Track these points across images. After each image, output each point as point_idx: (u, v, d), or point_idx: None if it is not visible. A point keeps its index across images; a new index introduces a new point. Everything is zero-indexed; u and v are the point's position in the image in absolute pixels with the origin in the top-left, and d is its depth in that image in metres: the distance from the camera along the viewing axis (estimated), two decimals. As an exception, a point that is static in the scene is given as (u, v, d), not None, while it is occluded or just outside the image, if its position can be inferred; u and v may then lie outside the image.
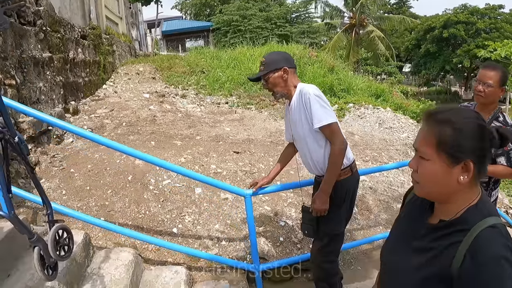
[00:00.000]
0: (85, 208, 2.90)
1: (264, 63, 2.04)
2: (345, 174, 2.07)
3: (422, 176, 0.93)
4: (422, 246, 0.95)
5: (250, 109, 6.79)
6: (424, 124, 0.93)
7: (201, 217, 3.07)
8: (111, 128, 4.66)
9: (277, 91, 2.06)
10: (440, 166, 0.88)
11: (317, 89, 2.01)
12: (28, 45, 4.26)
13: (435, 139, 0.88)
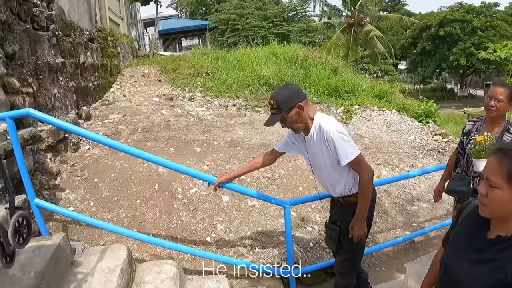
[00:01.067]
0: (116, 220, 2.91)
1: (276, 105, 1.96)
2: None
3: (491, 201, 1.08)
4: (483, 258, 1.11)
5: (259, 112, 6.81)
6: (494, 156, 1.08)
7: (232, 225, 3.11)
8: (127, 134, 4.65)
9: (296, 128, 2.04)
10: (508, 194, 1.03)
11: (336, 122, 2.00)
12: (42, 51, 4.23)
13: (506, 172, 1.03)
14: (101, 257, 2.17)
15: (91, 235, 2.73)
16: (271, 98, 2.00)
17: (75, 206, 2.98)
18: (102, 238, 2.72)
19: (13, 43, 3.55)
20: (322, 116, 2.03)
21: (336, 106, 7.76)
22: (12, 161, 2.36)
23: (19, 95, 3.38)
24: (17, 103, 3.22)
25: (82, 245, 2.37)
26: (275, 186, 3.84)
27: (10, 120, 2.00)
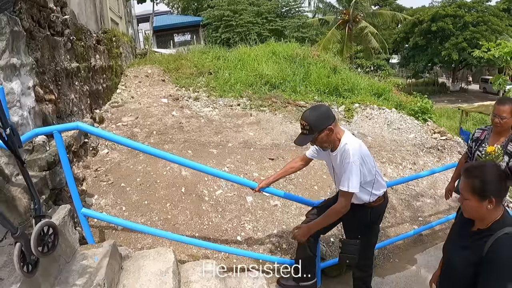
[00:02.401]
0: (150, 223, 3.04)
1: (308, 126, 2.07)
2: (379, 202, 2.34)
3: (465, 209, 1.56)
4: (466, 244, 1.58)
5: (264, 111, 6.95)
6: (463, 175, 1.54)
7: (259, 224, 3.28)
8: (143, 137, 4.76)
9: (325, 147, 2.22)
10: (474, 202, 1.48)
11: (360, 149, 2.14)
12: (59, 57, 4.30)
13: (470, 187, 1.48)
14: (150, 261, 2.31)
15: (127, 239, 2.86)
16: (303, 119, 2.11)
17: (107, 211, 3.10)
18: (138, 241, 2.85)
19: (35, 51, 3.63)
20: (349, 139, 2.16)
21: (337, 105, 7.94)
22: (54, 172, 2.47)
23: (43, 103, 3.47)
24: (45, 111, 3.32)
25: (126, 250, 2.51)
26: (292, 185, 4.02)
27: (57, 134, 2.11)
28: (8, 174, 2.13)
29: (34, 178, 2.25)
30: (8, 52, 2.33)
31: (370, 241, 2.47)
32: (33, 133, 2.06)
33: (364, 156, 2.15)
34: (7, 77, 2.31)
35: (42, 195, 2.28)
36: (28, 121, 2.46)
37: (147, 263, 2.31)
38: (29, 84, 2.63)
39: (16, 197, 2.06)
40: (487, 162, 1.66)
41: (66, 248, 2.16)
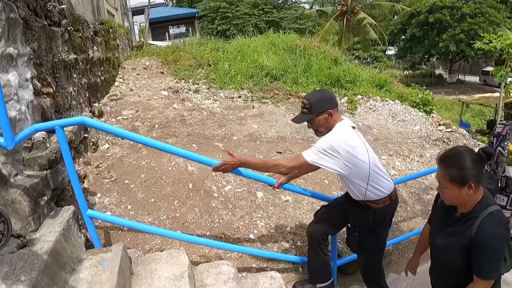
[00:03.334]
0: (158, 222, 2.87)
1: (308, 105, 2.05)
2: (383, 203, 2.15)
3: (445, 197, 1.56)
4: (453, 230, 1.59)
5: (266, 103, 6.77)
6: (439, 165, 1.54)
7: (271, 221, 3.14)
8: (145, 131, 4.57)
9: (321, 131, 2.11)
10: (454, 190, 1.49)
11: (342, 139, 1.99)
12: (57, 48, 4.06)
13: (448, 176, 1.48)
14: (162, 264, 2.14)
15: (135, 239, 2.70)
16: (305, 98, 2.08)
17: (112, 211, 2.92)
18: (147, 242, 2.69)
19: (32, 41, 3.39)
20: (340, 127, 2.05)
21: (340, 97, 7.78)
22: (56, 171, 2.27)
23: (40, 97, 3.25)
24: (43, 105, 3.10)
25: (135, 253, 2.34)
26: (302, 180, 3.86)
27: (60, 129, 1.91)
28: (6, 175, 1.94)
29: (34, 178, 2.06)
30: (4, 41, 2.11)
31: (374, 246, 2.28)
32: (33, 129, 1.86)
33: (346, 146, 1.97)
34: (3, 68, 2.10)
35: (44, 196, 2.08)
36: (27, 115, 2.25)
37: (159, 267, 2.14)
38: (27, 75, 2.41)
39: (16, 200, 1.87)
40: (460, 147, 1.57)
41: (72, 254, 1.98)
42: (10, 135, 1.67)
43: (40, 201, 2.05)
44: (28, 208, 1.90)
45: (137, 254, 2.33)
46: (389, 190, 2.15)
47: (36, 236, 1.91)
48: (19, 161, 2.10)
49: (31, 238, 1.90)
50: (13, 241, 1.88)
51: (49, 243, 1.82)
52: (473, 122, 14.26)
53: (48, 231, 1.94)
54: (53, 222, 2.04)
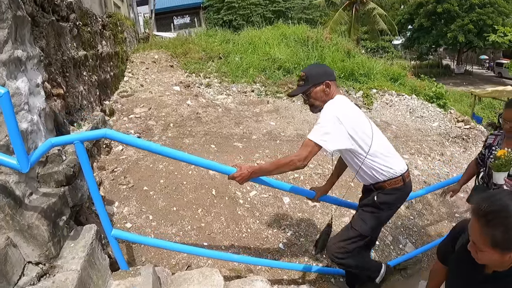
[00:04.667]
0: (182, 234, 2.65)
1: (304, 77, 1.93)
2: (395, 184, 1.94)
3: (480, 259, 1.15)
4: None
5: (281, 98, 6.49)
6: (476, 222, 1.10)
7: (300, 229, 2.95)
8: (160, 130, 4.32)
9: (317, 105, 1.93)
10: (495, 255, 1.10)
11: (342, 108, 1.84)
12: (66, 44, 3.80)
13: (489, 241, 1.07)
14: (195, 285, 1.92)
15: (159, 253, 2.47)
16: (303, 71, 1.97)
17: (132, 222, 2.69)
18: (172, 256, 2.46)
19: (40, 39, 3.11)
20: (335, 100, 1.89)
21: (354, 91, 7.48)
22: (75, 187, 2.03)
23: (51, 99, 2.98)
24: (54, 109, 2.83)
25: (162, 271, 2.11)
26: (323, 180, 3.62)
27: (80, 144, 1.66)
28: (20, 196, 1.70)
29: (51, 196, 1.82)
30: (11, 43, 1.84)
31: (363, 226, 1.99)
32: (48, 144, 1.61)
33: (345, 114, 1.81)
34: (11, 74, 1.83)
35: (62, 216, 1.85)
36: (39, 126, 2.00)
37: None
38: (38, 80, 2.15)
39: (33, 225, 1.63)
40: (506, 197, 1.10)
41: (98, 281, 1.76)
42: (24, 156, 1.42)
43: (59, 221, 1.82)
44: (47, 233, 1.66)
45: (165, 272, 2.10)
46: (401, 169, 1.94)
47: (58, 263, 1.69)
48: (33, 178, 1.86)
49: (52, 266, 1.68)
50: (32, 269, 1.66)
51: (74, 273, 1.59)
52: (483, 114, 13.91)
53: (71, 257, 1.71)
54: (74, 245, 1.81)
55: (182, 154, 1.91)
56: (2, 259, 1.52)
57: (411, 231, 3.68)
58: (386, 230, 3.47)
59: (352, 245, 2.01)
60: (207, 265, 2.44)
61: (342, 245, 2.02)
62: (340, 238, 2.06)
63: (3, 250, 1.54)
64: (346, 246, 2.01)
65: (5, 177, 1.70)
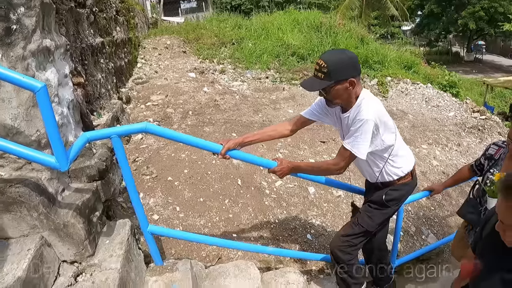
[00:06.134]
0: (211, 225, 2.57)
1: (326, 70, 1.55)
2: (404, 179, 1.85)
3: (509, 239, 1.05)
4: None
5: (296, 85, 6.31)
6: (502, 197, 1.01)
7: (327, 219, 2.90)
8: (178, 118, 4.20)
9: (336, 103, 1.68)
10: None
11: (378, 111, 1.62)
12: (84, 32, 3.65)
13: None
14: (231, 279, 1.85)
15: (188, 246, 2.39)
16: (323, 59, 1.56)
17: (159, 214, 2.61)
18: (202, 249, 2.39)
19: (60, 26, 2.97)
20: (367, 99, 1.64)
21: (369, 78, 7.27)
22: (107, 182, 1.93)
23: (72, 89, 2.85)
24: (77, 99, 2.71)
25: (197, 264, 2.02)
26: (351, 173, 3.51)
27: (117, 138, 1.54)
28: (53, 193, 1.61)
29: (85, 192, 1.73)
30: (39, 32, 1.71)
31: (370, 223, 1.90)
32: (84, 140, 1.50)
33: (381, 119, 1.63)
34: (40, 65, 1.71)
35: (96, 212, 1.76)
36: (69, 119, 1.89)
37: (228, 282, 1.85)
38: (66, 71, 2.02)
39: (69, 223, 1.54)
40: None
41: (135, 278, 1.67)
42: (63, 153, 1.32)
43: (92, 218, 1.73)
44: (83, 231, 1.58)
45: (199, 266, 2.01)
46: (411, 165, 1.85)
47: (95, 261, 1.61)
48: (64, 174, 1.77)
49: (88, 265, 1.60)
50: (67, 268, 1.58)
51: (115, 272, 1.51)
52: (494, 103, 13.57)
53: (108, 254, 1.63)
54: (110, 242, 1.72)
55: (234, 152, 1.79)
56: (38, 260, 1.44)
57: (432, 222, 3.60)
58: (409, 221, 3.40)
59: (357, 239, 1.95)
60: (237, 256, 2.37)
61: (347, 239, 1.95)
62: (345, 232, 1.97)
63: (38, 250, 1.46)
64: (352, 240, 1.94)
65: (37, 174, 1.61)
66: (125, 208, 2.54)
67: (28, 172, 1.62)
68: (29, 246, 1.48)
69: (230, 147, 1.78)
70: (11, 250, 1.48)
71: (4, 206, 1.49)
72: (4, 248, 1.48)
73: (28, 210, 1.52)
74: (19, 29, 1.56)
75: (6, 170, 1.61)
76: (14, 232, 1.54)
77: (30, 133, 1.57)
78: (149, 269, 1.83)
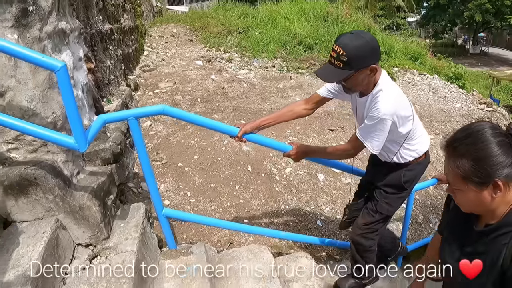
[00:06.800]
0: (222, 210, 2.57)
1: (345, 59, 1.41)
2: (419, 159, 1.80)
3: (460, 202, 0.98)
4: (473, 251, 0.99)
5: (303, 74, 6.24)
6: (446, 157, 0.95)
7: (336, 205, 2.89)
8: (187, 105, 4.16)
9: (354, 90, 1.60)
10: (471, 193, 0.91)
11: (394, 106, 1.52)
12: (93, 18, 3.59)
13: (459, 173, 0.90)
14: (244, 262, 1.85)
15: (200, 231, 2.39)
16: (341, 46, 1.41)
17: (170, 199, 2.60)
18: (213, 234, 2.39)
19: (72, 11, 2.90)
20: (385, 90, 1.53)
21: (376, 68, 7.16)
22: (122, 165, 1.91)
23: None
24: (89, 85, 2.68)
25: (210, 248, 2.01)
26: (359, 161, 3.47)
27: (134, 121, 1.51)
28: (69, 175, 1.59)
29: (99, 175, 1.71)
30: (55, 14, 1.67)
31: (390, 209, 1.87)
32: (101, 121, 1.47)
33: (399, 114, 1.54)
34: (56, 47, 1.67)
35: (110, 195, 1.74)
36: (84, 102, 1.86)
37: (242, 266, 1.83)
38: (80, 54, 1.99)
39: (85, 206, 1.52)
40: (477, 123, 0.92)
41: (150, 261, 1.66)
42: (82, 134, 1.29)
43: (107, 201, 1.72)
44: (99, 214, 1.56)
45: (212, 250, 2.00)
46: (426, 146, 1.79)
47: (110, 244, 1.59)
48: (79, 157, 1.75)
49: (103, 248, 1.58)
50: (82, 251, 1.57)
51: (131, 254, 1.49)
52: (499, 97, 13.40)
53: (124, 237, 1.61)
54: (124, 225, 1.71)
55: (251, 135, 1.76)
56: (54, 243, 1.43)
57: (439, 211, 3.57)
58: (417, 209, 3.39)
59: (378, 225, 1.92)
60: (248, 241, 2.36)
61: (369, 226, 1.92)
62: (366, 221, 1.93)
63: (54, 233, 1.45)
64: (373, 226, 1.92)
65: (53, 156, 1.59)
66: (136, 193, 2.52)
67: (43, 155, 1.59)
68: (45, 229, 1.46)
69: (247, 130, 1.74)
70: (26, 233, 1.46)
71: (19, 188, 1.47)
72: (19, 231, 1.47)
73: (43, 192, 1.50)
74: (36, 11, 1.52)
75: (21, 152, 1.59)
76: (29, 215, 1.53)
77: (46, 115, 1.54)
78: (163, 253, 1.82)
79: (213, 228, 2.40)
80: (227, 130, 1.71)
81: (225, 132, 1.76)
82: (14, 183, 1.44)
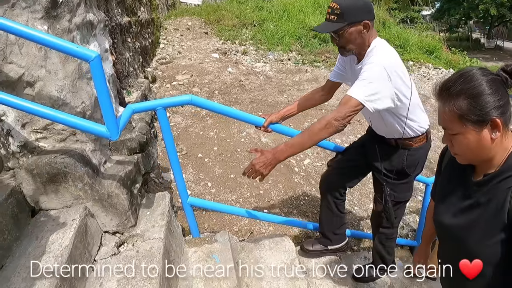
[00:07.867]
0: (242, 201, 2.57)
1: (338, 12, 1.43)
2: (420, 141, 1.69)
3: (458, 149, 0.92)
4: (472, 203, 0.93)
5: (319, 67, 6.15)
6: (440, 102, 0.91)
7: (354, 197, 2.88)
8: (205, 97, 4.13)
9: (349, 49, 1.54)
10: (470, 135, 0.88)
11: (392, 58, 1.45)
12: (112, 10, 3.58)
13: (456, 114, 0.87)
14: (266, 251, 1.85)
15: (221, 221, 2.38)
16: (335, 1, 1.44)
17: (191, 189, 2.61)
18: (234, 223, 2.40)
19: (93, 4, 2.89)
20: (381, 45, 1.50)
21: (391, 62, 7.00)
22: (147, 155, 1.91)
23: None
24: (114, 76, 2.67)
25: (232, 237, 2.01)
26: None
27: (162, 110, 1.50)
28: (97, 164, 1.60)
29: (126, 164, 1.71)
30: (83, 6, 1.66)
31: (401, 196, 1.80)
32: (130, 111, 1.47)
33: (393, 67, 1.43)
34: (84, 38, 1.67)
35: (136, 184, 1.75)
36: (110, 93, 1.85)
37: (264, 254, 1.83)
38: (106, 45, 1.99)
39: (113, 194, 1.53)
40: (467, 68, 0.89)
41: (177, 249, 1.66)
42: (114, 123, 1.28)
43: (133, 190, 1.72)
44: (127, 202, 1.57)
45: (234, 239, 1.99)
46: (427, 124, 1.69)
47: (137, 231, 1.60)
48: (106, 146, 1.75)
49: (130, 235, 1.59)
50: (109, 239, 1.58)
51: (159, 241, 1.50)
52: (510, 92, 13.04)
53: (150, 225, 1.62)
54: (151, 213, 1.71)
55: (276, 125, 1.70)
56: (83, 230, 1.43)
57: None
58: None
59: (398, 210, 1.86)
60: (269, 231, 2.35)
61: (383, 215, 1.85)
62: (379, 209, 1.89)
63: (83, 220, 1.45)
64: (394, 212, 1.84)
65: (81, 145, 1.59)
66: (157, 183, 2.53)
67: (72, 144, 1.60)
68: (74, 217, 1.47)
69: (273, 121, 1.73)
70: (55, 221, 1.47)
71: (49, 177, 1.48)
72: (48, 218, 1.48)
73: (73, 180, 1.51)
74: (65, 2, 1.52)
75: (50, 141, 1.60)
76: (57, 203, 1.54)
77: (76, 104, 1.54)
78: (187, 241, 1.82)
79: (234, 218, 2.39)
80: (253, 120, 1.70)
81: (251, 122, 1.74)
82: (44, 171, 1.45)
